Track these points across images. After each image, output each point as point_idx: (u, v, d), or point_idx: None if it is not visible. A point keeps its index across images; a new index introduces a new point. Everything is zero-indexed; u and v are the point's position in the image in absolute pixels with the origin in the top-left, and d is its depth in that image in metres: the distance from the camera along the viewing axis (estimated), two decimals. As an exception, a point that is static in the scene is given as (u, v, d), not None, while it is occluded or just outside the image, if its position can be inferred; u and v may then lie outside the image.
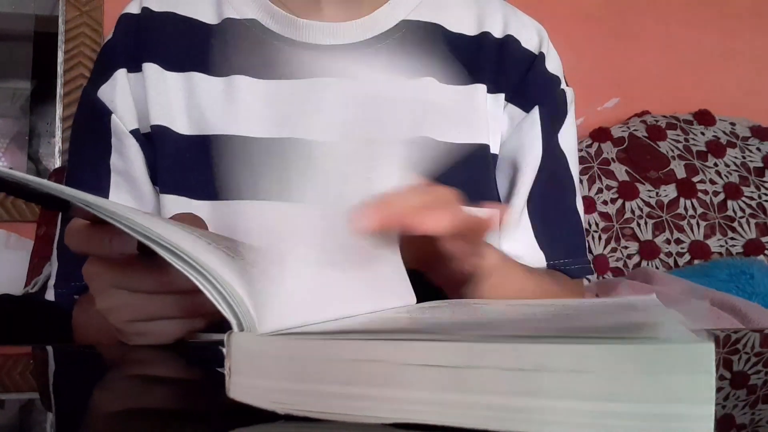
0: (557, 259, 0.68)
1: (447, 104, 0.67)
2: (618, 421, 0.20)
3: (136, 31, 0.67)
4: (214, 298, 0.26)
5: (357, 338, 0.24)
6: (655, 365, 0.20)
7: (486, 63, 0.69)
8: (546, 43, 0.71)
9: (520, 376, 0.21)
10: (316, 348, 0.24)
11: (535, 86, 0.69)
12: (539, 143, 0.68)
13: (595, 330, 0.27)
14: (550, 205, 0.69)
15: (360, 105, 0.64)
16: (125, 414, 0.25)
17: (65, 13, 1.49)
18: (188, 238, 0.30)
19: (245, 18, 0.67)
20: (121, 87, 0.65)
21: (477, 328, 0.28)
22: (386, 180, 0.43)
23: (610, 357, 0.21)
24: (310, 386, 0.23)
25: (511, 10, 0.72)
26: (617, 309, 0.34)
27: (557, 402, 0.21)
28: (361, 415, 0.23)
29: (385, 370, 0.23)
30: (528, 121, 0.68)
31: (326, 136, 0.63)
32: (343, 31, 0.66)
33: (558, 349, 0.21)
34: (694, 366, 0.20)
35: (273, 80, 0.65)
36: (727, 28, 1.69)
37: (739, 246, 1.43)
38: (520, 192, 0.67)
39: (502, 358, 0.22)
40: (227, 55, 0.66)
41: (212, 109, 0.64)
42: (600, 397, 0.21)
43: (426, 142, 0.65)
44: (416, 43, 0.68)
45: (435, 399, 0.22)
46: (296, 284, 0.31)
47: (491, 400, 0.21)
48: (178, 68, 0.66)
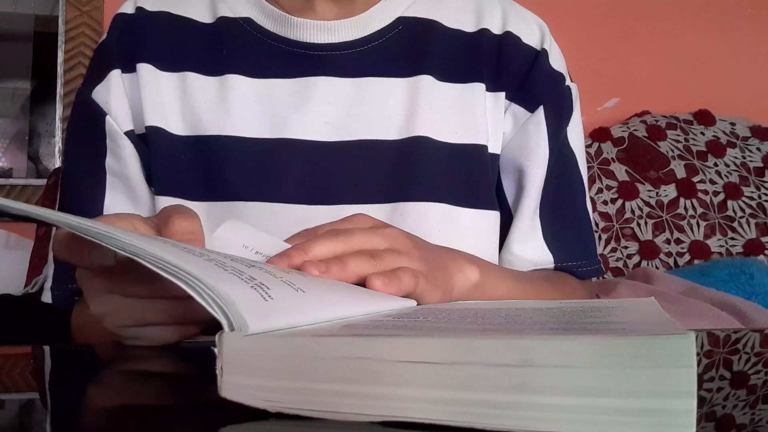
0: (567, 262, 0.67)
1: (443, 103, 0.65)
2: (604, 416, 0.21)
3: (131, 32, 0.66)
4: (204, 300, 0.26)
5: (346, 335, 0.24)
6: (639, 359, 0.20)
7: (485, 60, 0.67)
8: (548, 38, 0.69)
9: (507, 372, 0.21)
10: (306, 346, 0.24)
11: (539, 85, 0.67)
12: (546, 144, 0.67)
13: (581, 326, 0.27)
14: (559, 206, 0.68)
15: (353, 104, 0.64)
16: (118, 412, 0.25)
17: (65, 13, 1.49)
18: (173, 250, 0.30)
19: (239, 16, 0.66)
20: (115, 88, 0.65)
21: (464, 325, 0.28)
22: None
23: (595, 351, 0.21)
24: (301, 384, 0.23)
25: (510, 5, 0.70)
26: (604, 308, 0.34)
27: (544, 398, 0.21)
28: (351, 413, 0.23)
29: (375, 367, 0.23)
30: (533, 122, 0.67)
31: (318, 135, 0.63)
32: (337, 29, 0.65)
33: (544, 345, 0.21)
34: (676, 360, 0.20)
35: (267, 79, 0.64)
36: (727, 28, 1.69)
37: (739, 246, 1.43)
38: (530, 195, 0.66)
39: (488, 354, 0.22)
40: (221, 54, 0.65)
41: (206, 109, 0.64)
42: (586, 392, 0.21)
43: (420, 142, 0.65)
44: (412, 40, 0.67)
45: (423, 396, 0.22)
46: (290, 286, 0.32)
47: (479, 396, 0.22)
48: (172, 68, 0.65)
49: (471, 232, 0.64)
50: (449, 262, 0.49)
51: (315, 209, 0.62)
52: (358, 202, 0.62)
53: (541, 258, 0.66)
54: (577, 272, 0.68)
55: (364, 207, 0.62)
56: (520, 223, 0.67)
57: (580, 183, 0.70)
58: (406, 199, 0.63)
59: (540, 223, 0.67)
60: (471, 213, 0.64)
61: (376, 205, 0.62)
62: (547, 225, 0.67)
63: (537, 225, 0.67)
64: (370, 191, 0.63)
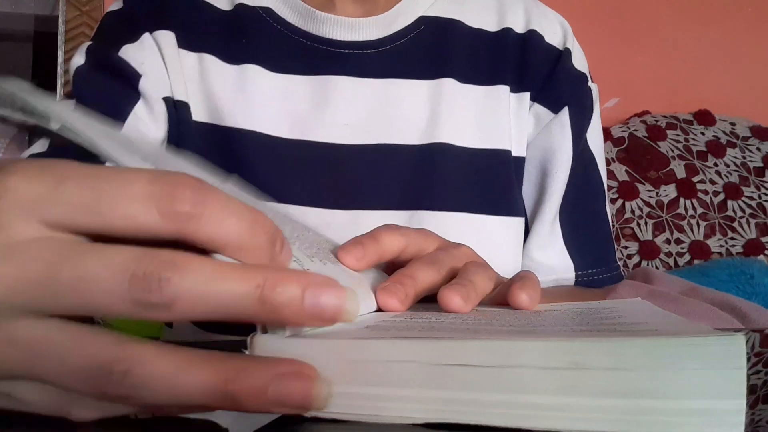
0: (587, 269, 0.66)
1: (466, 107, 0.64)
2: (653, 417, 0.21)
3: (151, 1, 0.63)
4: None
5: (386, 337, 0.24)
6: (691, 360, 0.20)
7: (509, 60, 0.65)
8: (570, 37, 0.68)
9: (556, 375, 0.21)
10: (343, 350, 0.23)
11: (563, 85, 0.66)
12: (570, 146, 0.65)
13: (610, 327, 0.27)
14: (580, 211, 0.66)
15: (374, 106, 0.62)
16: (150, 417, 0.24)
17: (65, 13, 1.49)
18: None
19: (260, 5, 0.64)
20: (151, 51, 0.61)
21: (490, 327, 0.28)
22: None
23: (646, 353, 0.21)
24: (342, 389, 0.23)
25: (532, 3, 0.69)
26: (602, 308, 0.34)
27: (593, 399, 0.21)
28: (389, 416, 0.23)
29: (416, 370, 0.22)
30: (557, 123, 0.65)
31: (337, 138, 0.61)
32: (360, 27, 0.63)
33: (594, 347, 0.21)
34: (727, 360, 0.20)
35: (287, 74, 0.62)
36: (727, 28, 1.69)
37: (739, 246, 1.43)
38: (552, 198, 0.64)
39: (537, 356, 0.22)
40: (241, 42, 0.63)
41: (224, 97, 0.61)
42: (636, 393, 0.21)
43: (442, 149, 0.63)
44: (435, 41, 0.65)
45: (470, 399, 0.22)
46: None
47: (527, 399, 0.22)
48: (191, 47, 0.62)
49: (495, 240, 0.62)
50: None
51: (331, 213, 0.60)
52: (375, 208, 0.61)
53: (561, 265, 0.65)
54: (596, 280, 0.67)
55: (382, 213, 0.60)
56: (541, 228, 0.65)
57: (600, 186, 0.69)
58: (425, 208, 0.61)
59: (560, 228, 0.65)
60: (495, 220, 0.62)
61: (394, 212, 0.61)
62: (568, 230, 0.65)
63: (557, 230, 0.65)
64: (388, 197, 0.61)
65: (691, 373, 0.20)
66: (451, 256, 0.38)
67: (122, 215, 0.21)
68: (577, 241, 0.66)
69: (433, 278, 0.35)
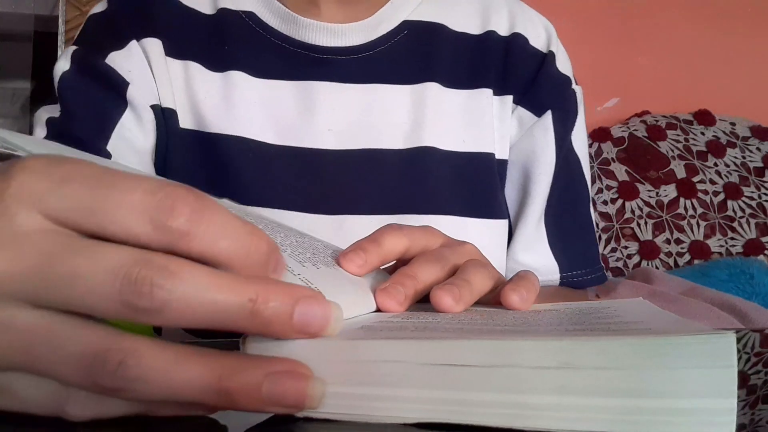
0: (571, 270, 0.66)
1: (450, 111, 0.64)
2: (644, 416, 0.21)
3: (137, 7, 0.63)
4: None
5: (379, 338, 0.24)
6: (681, 359, 0.20)
7: (492, 64, 0.65)
8: (554, 40, 0.68)
9: (545, 374, 0.21)
10: (336, 350, 0.23)
11: (547, 88, 0.66)
12: (553, 149, 0.65)
13: (604, 326, 0.27)
14: (564, 213, 0.67)
15: (358, 112, 0.62)
16: (146, 417, 0.25)
17: (65, 13, 1.49)
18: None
19: (242, 10, 0.64)
20: (138, 59, 0.61)
21: (479, 326, 0.28)
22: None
23: (636, 352, 0.21)
24: (332, 388, 0.23)
25: (517, 5, 0.69)
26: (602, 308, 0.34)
27: (583, 399, 0.21)
28: (382, 416, 0.23)
29: (405, 370, 0.23)
30: (540, 127, 0.65)
31: (322, 144, 0.62)
32: (343, 32, 0.63)
33: (584, 346, 0.21)
34: (718, 359, 0.20)
35: (271, 80, 0.63)
36: (726, 28, 1.69)
37: (739, 246, 1.43)
38: (536, 201, 0.65)
39: (528, 356, 0.22)
40: (224, 48, 0.63)
41: (209, 105, 0.62)
42: (626, 392, 0.21)
43: (426, 153, 0.63)
44: (418, 45, 0.65)
45: (460, 398, 0.22)
46: (307, 284, 0.31)
47: (517, 399, 0.22)
48: (176, 54, 0.62)
49: (479, 242, 0.62)
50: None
51: (316, 218, 0.60)
52: (361, 212, 0.61)
53: (546, 266, 0.65)
54: (581, 281, 0.67)
55: (368, 218, 0.61)
56: (525, 230, 0.65)
57: (585, 188, 0.69)
58: (410, 212, 0.61)
59: (545, 230, 0.65)
60: (479, 223, 0.63)
61: (380, 216, 0.61)
62: (552, 232, 0.66)
63: (542, 232, 0.65)
64: (374, 202, 0.61)
65: (682, 372, 0.20)
66: (454, 253, 0.38)
67: (116, 222, 0.22)
68: (562, 243, 0.66)
69: (436, 276, 0.35)
